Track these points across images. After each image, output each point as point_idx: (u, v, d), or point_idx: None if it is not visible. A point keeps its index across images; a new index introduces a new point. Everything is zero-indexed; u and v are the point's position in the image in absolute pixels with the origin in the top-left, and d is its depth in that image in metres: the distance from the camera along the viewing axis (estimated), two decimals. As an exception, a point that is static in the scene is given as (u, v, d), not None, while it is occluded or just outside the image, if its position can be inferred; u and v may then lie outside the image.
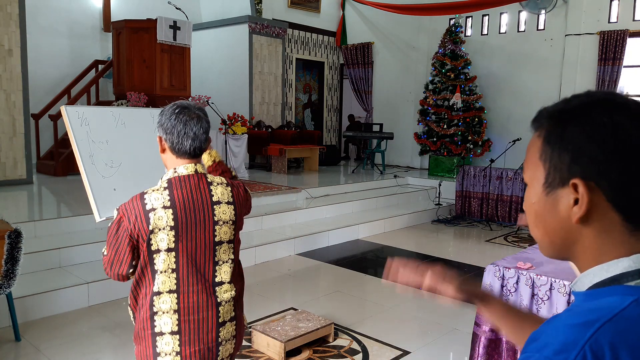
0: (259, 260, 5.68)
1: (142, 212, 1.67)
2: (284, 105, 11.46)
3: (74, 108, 2.81)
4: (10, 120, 7.10)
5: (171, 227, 1.69)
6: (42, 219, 5.18)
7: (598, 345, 0.61)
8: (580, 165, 0.68)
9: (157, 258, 1.69)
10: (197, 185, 1.75)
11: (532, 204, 0.76)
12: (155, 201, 1.69)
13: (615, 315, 0.63)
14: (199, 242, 1.73)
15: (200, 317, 1.73)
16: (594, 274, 0.71)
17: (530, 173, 0.76)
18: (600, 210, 0.69)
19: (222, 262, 1.79)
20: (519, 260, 2.79)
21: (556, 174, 0.71)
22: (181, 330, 1.71)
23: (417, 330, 4.05)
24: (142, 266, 1.72)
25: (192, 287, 1.72)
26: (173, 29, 8.12)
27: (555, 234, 0.74)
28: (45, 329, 3.84)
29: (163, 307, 1.70)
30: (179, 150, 1.75)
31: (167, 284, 1.70)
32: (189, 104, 1.80)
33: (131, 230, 1.68)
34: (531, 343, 0.66)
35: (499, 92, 10.52)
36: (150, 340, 1.72)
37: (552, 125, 0.73)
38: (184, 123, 1.73)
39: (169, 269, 1.70)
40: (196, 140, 1.75)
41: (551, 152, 0.72)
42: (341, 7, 12.52)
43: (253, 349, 3.56)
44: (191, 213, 1.72)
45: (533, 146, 0.76)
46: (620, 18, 9.18)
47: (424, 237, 7.20)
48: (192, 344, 1.73)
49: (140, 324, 1.75)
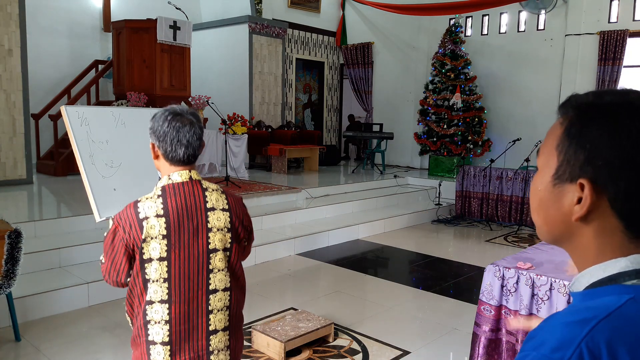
0: (259, 260, 5.68)
1: (135, 221, 1.66)
2: (284, 105, 11.46)
3: (74, 108, 2.81)
4: (10, 120, 7.10)
5: (163, 235, 1.67)
6: (42, 219, 5.18)
7: (594, 343, 0.61)
8: (593, 167, 0.68)
9: (149, 267, 1.68)
10: (192, 192, 1.73)
11: (538, 190, 0.76)
12: (148, 209, 1.67)
13: (612, 313, 0.63)
14: (192, 250, 1.71)
15: (190, 326, 1.72)
16: (591, 274, 0.71)
17: (543, 159, 0.75)
18: (602, 214, 0.69)
19: (218, 270, 1.76)
20: (519, 260, 2.79)
21: (567, 169, 0.71)
22: (172, 340, 1.70)
23: (417, 330, 4.05)
24: (134, 275, 1.70)
25: (184, 296, 1.71)
26: (173, 29, 8.12)
27: (555, 225, 0.74)
28: (45, 329, 3.84)
29: (155, 317, 1.69)
30: (173, 158, 1.72)
31: (158, 294, 1.68)
32: (181, 108, 1.76)
33: (127, 240, 1.67)
34: (529, 341, 0.67)
35: (499, 92, 10.52)
36: (145, 347, 1.72)
37: (576, 118, 0.71)
38: (176, 130, 1.70)
39: (161, 279, 1.68)
40: (189, 147, 1.72)
41: (568, 146, 0.71)
42: (341, 7, 12.52)
43: (253, 349, 3.56)
44: (185, 221, 1.70)
45: (553, 133, 0.74)
46: (620, 18, 9.18)
47: (424, 237, 7.20)
48: (183, 352, 1.71)
49: (136, 331, 1.75)
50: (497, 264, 2.79)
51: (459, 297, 4.77)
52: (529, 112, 10.19)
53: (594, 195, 0.68)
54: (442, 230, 7.69)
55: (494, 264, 2.80)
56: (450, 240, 7.26)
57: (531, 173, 7.67)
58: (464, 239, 7.34)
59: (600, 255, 0.71)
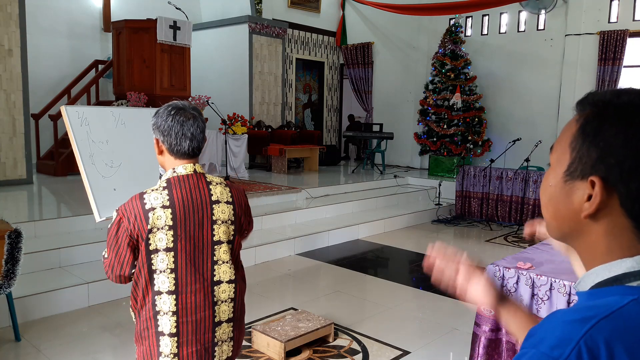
0: (259, 260, 5.68)
1: (141, 212, 1.68)
2: (284, 105, 11.46)
3: (74, 108, 2.81)
4: (10, 120, 7.10)
5: (170, 226, 1.69)
6: (42, 219, 5.18)
7: (593, 341, 0.61)
8: (605, 166, 0.68)
9: (155, 258, 1.69)
10: (197, 185, 1.75)
11: (549, 186, 0.76)
12: (154, 201, 1.69)
13: (612, 313, 0.63)
14: (197, 242, 1.73)
15: (198, 318, 1.73)
16: (597, 274, 0.71)
17: (557, 156, 0.75)
18: (612, 213, 0.69)
19: (222, 262, 1.78)
20: (519, 260, 2.79)
21: (579, 166, 0.70)
22: (179, 332, 1.71)
23: (417, 330, 4.05)
24: (140, 266, 1.72)
25: (191, 287, 1.72)
26: (173, 29, 8.12)
27: (564, 222, 0.74)
28: (45, 329, 3.84)
29: (164, 307, 1.71)
30: (178, 151, 1.75)
31: (166, 284, 1.70)
32: (183, 104, 1.80)
33: (131, 231, 1.68)
34: (528, 339, 0.67)
35: (499, 92, 10.53)
36: (154, 338, 1.72)
37: (592, 116, 0.71)
38: (180, 124, 1.73)
39: (168, 269, 1.70)
40: (194, 140, 1.75)
41: (582, 143, 0.70)
42: (341, 7, 12.52)
43: (253, 349, 3.56)
44: (190, 212, 1.72)
45: (568, 130, 0.74)
46: (620, 18, 9.18)
47: (424, 237, 7.20)
48: (190, 344, 1.73)
49: (142, 324, 1.74)
50: (497, 264, 2.79)
51: (459, 297, 4.76)
52: (529, 112, 10.20)
53: (605, 193, 0.68)
54: (442, 230, 7.69)
55: (494, 264, 2.80)
56: (450, 240, 7.26)
57: (531, 173, 7.67)
58: (464, 239, 7.34)
59: (608, 254, 0.70)
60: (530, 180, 7.64)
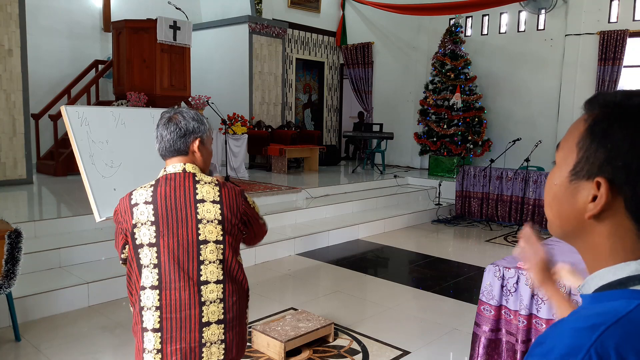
0: (259, 260, 5.68)
1: (128, 207, 1.78)
2: (284, 105, 11.46)
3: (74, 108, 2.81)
4: (10, 120, 7.10)
5: (152, 222, 1.74)
6: (42, 219, 5.18)
7: (604, 349, 0.60)
8: (612, 167, 0.67)
9: (142, 252, 1.76)
10: (182, 183, 1.79)
11: (553, 185, 0.76)
12: (139, 197, 1.78)
13: (621, 319, 0.63)
14: (181, 240, 1.75)
15: (182, 315, 1.74)
16: (601, 277, 0.71)
17: (563, 154, 0.75)
18: (616, 215, 0.69)
19: (209, 262, 1.78)
20: (519, 260, 2.79)
21: (585, 166, 0.70)
22: (163, 327, 1.73)
23: (417, 330, 4.05)
24: (130, 260, 1.80)
25: (174, 284, 1.74)
26: (173, 29, 8.11)
27: (567, 221, 0.74)
28: (45, 329, 3.85)
29: (147, 302, 1.74)
30: (159, 152, 1.87)
31: (149, 279, 1.74)
32: (174, 109, 1.88)
33: (122, 224, 1.79)
34: (537, 347, 0.66)
35: (499, 92, 10.53)
36: (141, 334, 1.77)
37: (601, 116, 0.70)
38: (157, 127, 1.85)
39: (151, 264, 1.74)
40: (162, 141, 1.83)
41: (589, 144, 0.70)
42: (341, 7, 12.52)
43: (253, 349, 3.56)
44: (172, 210, 1.76)
45: (576, 130, 0.74)
46: (620, 18, 9.18)
47: (424, 237, 7.20)
48: (174, 341, 1.73)
49: (134, 318, 1.80)
50: (497, 264, 2.79)
51: (459, 297, 4.77)
52: (528, 112, 10.20)
53: (610, 195, 0.68)
54: (442, 230, 7.69)
55: (494, 264, 2.80)
56: (450, 240, 7.26)
57: (531, 173, 7.67)
58: (464, 239, 7.34)
59: (612, 256, 0.70)
60: (530, 180, 7.64)
